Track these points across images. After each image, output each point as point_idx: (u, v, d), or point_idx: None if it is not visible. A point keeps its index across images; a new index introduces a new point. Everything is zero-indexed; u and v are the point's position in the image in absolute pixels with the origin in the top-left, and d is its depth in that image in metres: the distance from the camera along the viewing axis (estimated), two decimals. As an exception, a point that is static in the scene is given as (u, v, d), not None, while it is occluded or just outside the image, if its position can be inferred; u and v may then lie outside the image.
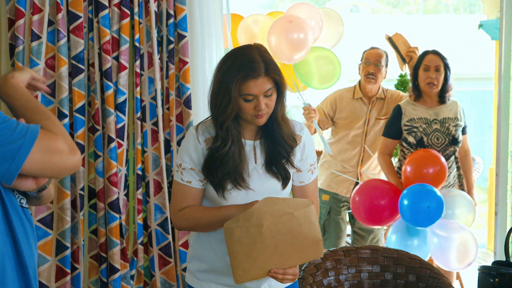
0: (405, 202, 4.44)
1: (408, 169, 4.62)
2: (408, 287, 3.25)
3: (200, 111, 4.49)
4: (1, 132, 1.90)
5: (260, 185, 2.82)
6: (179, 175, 2.82)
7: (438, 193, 4.42)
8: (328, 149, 5.16)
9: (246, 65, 2.67)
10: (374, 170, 5.35)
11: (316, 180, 2.98)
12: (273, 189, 2.84)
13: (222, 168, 2.75)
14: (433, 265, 3.29)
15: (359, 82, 5.34)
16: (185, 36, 4.32)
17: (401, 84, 6.97)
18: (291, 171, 2.86)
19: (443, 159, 4.61)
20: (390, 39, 5.29)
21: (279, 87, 2.74)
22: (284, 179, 2.84)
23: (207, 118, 2.84)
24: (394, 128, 4.87)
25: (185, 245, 4.40)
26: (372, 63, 5.23)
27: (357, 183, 5.25)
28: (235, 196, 2.80)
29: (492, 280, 3.49)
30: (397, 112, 4.85)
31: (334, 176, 5.31)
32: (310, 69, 5.00)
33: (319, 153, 6.62)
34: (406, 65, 5.26)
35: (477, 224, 10.75)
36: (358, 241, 5.42)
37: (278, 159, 2.81)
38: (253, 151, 2.82)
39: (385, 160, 4.88)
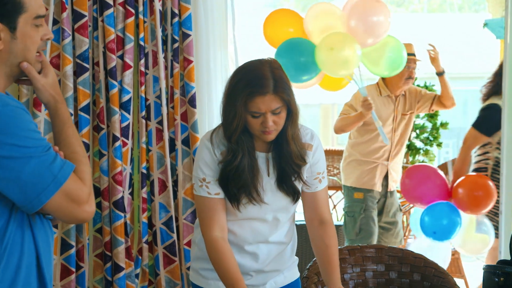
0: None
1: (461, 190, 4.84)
2: (413, 286, 3.25)
3: (205, 109, 4.49)
4: (39, 163, 1.91)
5: (273, 199, 2.81)
6: (205, 190, 2.77)
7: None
8: (386, 139, 5.16)
9: (255, 81, 2.62)
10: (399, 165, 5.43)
11: (327, 191, 2.94)
12: (285, 203, 2.84)
13: (235, 182, 2.72)
14: (438, 264, 3.28)
15: (383, 79, 5.33)
16: (189, 35, 4.32)
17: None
18: (300, 186, 2.85)
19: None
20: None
21: (289, 106, 2.69)
22: (294, 195, 2.83)
23: (220, 125, 2.80)
24: (493, 126, 4.91)
25: (190, 244, 4.39)
26: (412, 68, 5.25)
27: (386, 178, 5.31)
28: (250, 210, 2.80)
29: (497, 279, 3.48)
30: (499, 110, 4.83)
31: (367, 173, 5.29)
32: (382, 55, 4.94)
33: (338, 152, 6.62)
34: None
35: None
36: (383, 235, 5.42)
37: (288, 176, 2.79)
38: (266, 164, 2.80)
39: (467, 154, 4.96)
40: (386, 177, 5.35)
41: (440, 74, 5.38)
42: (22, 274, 2.00)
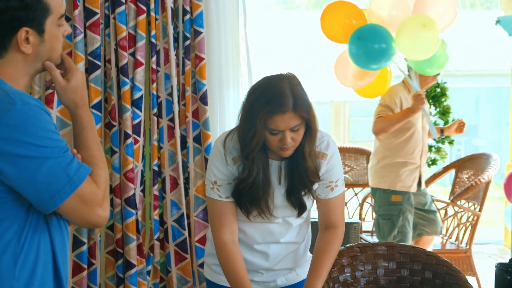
0: None
1: None
2: (425, 284, 3.24)
3: (216, 107, 4.49)
4: (55, 164, 1.91)
5: (281, 210, 2.81)
6: (215, 193, 2.78)
7: None
8: (435, 133, 5.15)
9: (274, 99, 2.59)
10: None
11: (341, 198, 2.89)
12: (290, 215, 2.84)
13: (248, 197, 2.72)
14: (449, 262, 3.28)
15: (410, 76, 5.29)
16: (201, 32, 4.32)
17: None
18: (309, 202, 2.84)
19: None
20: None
21: (308, 123, 2.66)
22: (300, 209, 2.81)
23: (235, 129, 2.78)
24: None
25: (201, 241, 4.40)
26: None
27: (420, 178, 5.29)
28: (259, 221, 2.81)
29: (509, 277, 3.47)
30: None
31: (405, 175, 5.25)
32: (442, 51, 4.95)
33: (350, 150, 6.61)
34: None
35: (494, 221, 10.71)
36: (425, 226, 5.43)
37: (297, 190, 2.77)
38: (278, 172, 2.78)
39: None
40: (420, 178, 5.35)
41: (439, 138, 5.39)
42: (39, 273, 2.01)
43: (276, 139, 2.64)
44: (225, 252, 2.75)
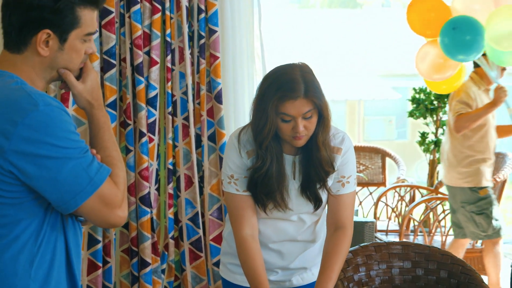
0: None
1: None
2: (440, 283, 3.23)
3: (231, 106, 4.49)
4: (76, 164, 1.93)
5: (297, 204, 2.81)
6: (233, 187, 2.78)
7: None
8: None
9: (285, 85, 2.60)
10: None
11: (351, 197, 2.86)
12: (307, 209, 2.83)
13: (263, 187, 2.72)
14: (465, 261, 3.27)
15: (477, 72, 5.28)
16: (216, 31, 4.32)
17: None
18: (324, 196, 2.83)
19: None
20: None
21: (321, 110, 2.66)
22: (315, 203, 2.80)
23: (249, 124, 2.78)
24: None
25: (216, 239, 4.40)
26: None
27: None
28: (275, 214, 2.80)
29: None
30: None
31: (489, 170, 5.29)
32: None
33: (364, 149, 6.60)
34: None
35: (509, 220, 10.65)
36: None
37: (313, 183, 2.76)
38: (292, 166, 2.78)
39: None
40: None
41: None
42: (54, 273, 2.02)
43: (288, 127, 2.64)
44: (245, 248, 2.75)
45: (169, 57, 4.32)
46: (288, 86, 2.59)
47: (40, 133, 1.89)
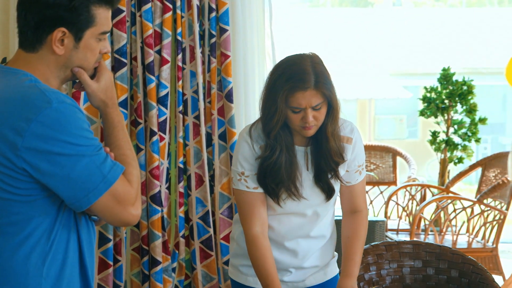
0: None
1: None
2: (451, 283, 3.22)
3: (242, 104, 4.50)
4: (90, 162, 1.93)
5: (311, 194, 2.80)
6: (243, 184, 2.77)
7: None
8: None
9: (295, 76, 2.60)
10: None
11: (364, 181, 2.92)
12: (320, 200, 2.83)
13: (273, 177, 2.71)
14: (476, 261, 3.26)
15: None
16: (227, 30, 4.32)
17: (444, 78, 6.89)
18: (337, 186, 2.84)
19: None
20: None
21: (330, 102, 2.67)
22: (328, 193, 2.81)
23: (259, 119, 2.78)
24: None
25: (226, 238, 4.41)
26: None
27: None
28: (290, 205, 2.79)
29: (536, 276, 3.46)
30: None
31: None
32: None
33: (375, 148, 6.60)
34: None
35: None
36: None
37: (324, 173, 2.76)
38: (304, 158, 2.78)
39: None
40: None
41: None
42: (67, 271, 2.02)
43: (298, 118, 2.64)
44: (256, 245, 2.74)
45: (180, 56, 4.33)
46: (298, 77, 2.60)
47: (53, 130, 1.89)
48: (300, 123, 2.65)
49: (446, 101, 6.47)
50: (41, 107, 1.90)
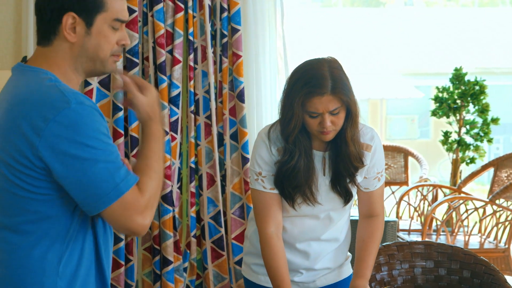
0: None
1: None
2: (463, 283, 3.22)
3: (253, 104, 4.50)
4: (104, 168, 1.91)
5: (326, 199, 2.80)
6: (260, 184, 2.77)
7: None
8: None
9: (313, 81, 2.58)
10: None
11: (383, 187, 2.91)
12: (337, 204, 2.82)
13: (290, 182, 2.71)
14: (488, 261, 3.25)
15: None
16: (238, 30, 4.33)
17: (456, 78, 6.88)
18: (354, 190, 2.83)
19: None
20: None
21: (348, 107, 2.65)
22: (346, 197, 2.80)
23: (278, 121, 2.77)
24: None
25: (238, 238, 4.41)
26: None
27: None
28: (304, 209, 2.79)
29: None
30: None
31: None
32: None
33: (386, 148, 6.59)
34: None
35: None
36: None
37: (343, 177, 2.75)
38: (322, 162, 2.77)
39: None
40: None
41: None
42: (82, 271, 2.02)
43: (315, 122, 2.63)
44: (270, 245, 2.74)
45: (191, 56, 4.33)
46: (315, 82, 2.58)
47: (70, 130, 1.89)
48: (318, 128, 2.64)
49: (458, 101, 6.44)
50: (60, 108, 1.90)
